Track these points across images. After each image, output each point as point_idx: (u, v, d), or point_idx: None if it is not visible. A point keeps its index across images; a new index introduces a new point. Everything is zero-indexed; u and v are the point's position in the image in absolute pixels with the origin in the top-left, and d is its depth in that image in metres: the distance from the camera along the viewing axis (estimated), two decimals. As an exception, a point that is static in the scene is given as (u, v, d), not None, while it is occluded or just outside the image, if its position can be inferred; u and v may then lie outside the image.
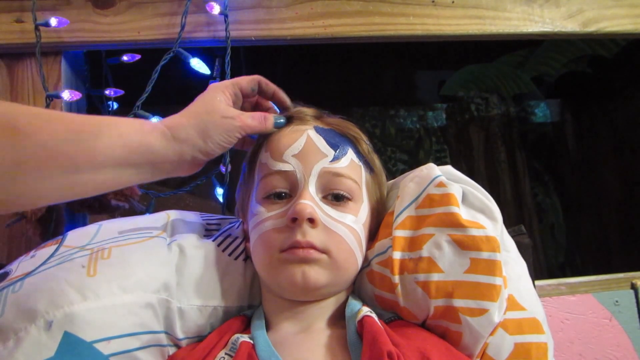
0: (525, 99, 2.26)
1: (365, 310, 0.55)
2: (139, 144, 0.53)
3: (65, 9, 0.93)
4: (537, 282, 0.75)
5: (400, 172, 0.71)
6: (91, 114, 0.62)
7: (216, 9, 0.93)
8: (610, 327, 0.95)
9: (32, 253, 0.64)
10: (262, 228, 0.58)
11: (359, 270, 0.62)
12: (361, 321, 0.53)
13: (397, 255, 0.58)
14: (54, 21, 0.90)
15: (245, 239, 0.65)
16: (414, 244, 0.58)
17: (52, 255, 0.61)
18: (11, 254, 0.86)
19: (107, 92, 0.99)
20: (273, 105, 0.68)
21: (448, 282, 0.56)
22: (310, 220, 0.55)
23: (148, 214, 0.77)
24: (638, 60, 1.85)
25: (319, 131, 0.61)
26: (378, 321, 0.54)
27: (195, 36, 0.95)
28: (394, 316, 0.59)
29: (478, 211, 0.60)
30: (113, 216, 0.85)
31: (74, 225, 0.88)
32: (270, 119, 0.62)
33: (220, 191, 0.95)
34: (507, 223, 0.63)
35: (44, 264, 0.60)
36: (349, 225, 0.58)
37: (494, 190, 2.00)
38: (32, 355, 0.52)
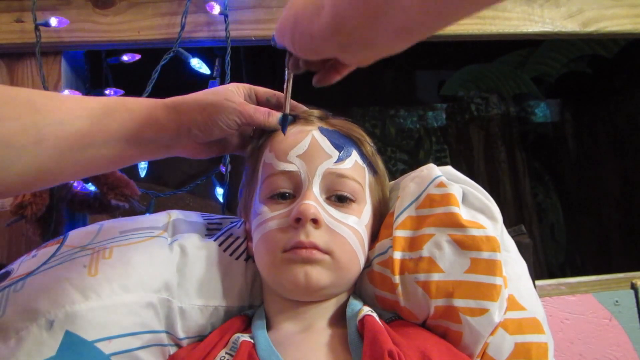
0: (525, 99, 2.25)
1: (366, 310, 0.55)
2: (147, 117, 0.56)
3: (65, 9, 0.93)
4: (537, 282, 0.75)
5: (401, 172, 0.71)
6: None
7: (216, 9, 0.93)
8: (610, 327, 0.95)
9: (34, 253, 0.64)
10: (265, 228, 0.58)
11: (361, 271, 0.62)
12: (362, 320, 0.53)
13: (398, 255, 0.58)
14: (54, 21, 0.90)
15: (246, 239, 0.65)
16: (414, 244, 0.58)
17: (54, 255, 0.61)
18: (11, 254, 0.86)
19: (107, 92, 0.99)
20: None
21: (448, 282, 0.56)
22: (314, 220, 0.55)
23: (149, 214, 0.77)
24: (638, 60, 1.85)
25: (324, 132, 0.61)
26: (379, 320, 0.54)
27: (195, 36, 0.95)
28: (394, 316, 0.59)
29: (478, 211, 0.60)
30: (113, 216, 0.85)
31: (74, 225, 0.88)
32: (275, 115, 0.62)
33: (220, 191, 0.95)
34: (507, 223, 0.63)
35: (45, 263, 0.60)
36: (352, 226, 0.58)
37: (494, 190, 2.00)
38: (34, 354, 0.52)
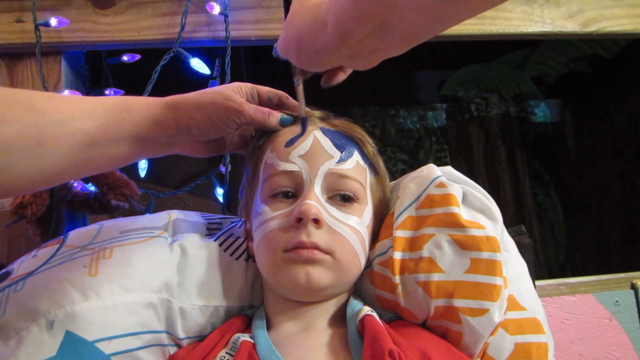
0: (525, 99, 2.25)
1: (367, 310, 0.55)
2: (146, 116, 0.57)
3: (65, 9, 0.93)
4: (537, 282, 0.75)
5: (401, 172, 0.71)
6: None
7: (216, 9, 0.93)
8: (610, 327, 0.95)
9: (34, 253, 0.64)
10: (267, 227, 0.58)
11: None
12: (362, 320, 0.53)
13: (398, 255, 0.58)
14: (54, 21, 0.90)
15: (247, 239, 0.65)
16: (414, 244, 0.58)
17: (54, 255, 0.61)
18: (11, 254, 0.86)
19: (107, 92, 0.99)
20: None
21: (448, 282, 0.56)
22: (315, 220, 0.55)
23: (149, 214, 0.77)
24: (638, 60, 1.85)
25: (326, 132, 0.61)
26: (379, 320, 0.54)
27: (195, 36, 0.95)
28: (394, 316, 0.59)
29: (478, 211, 0.60)
30: (113, 216, 0.85)
31: (73, 225, 0.88)
32: (275, 116, 0.62)
33: (220, 191, 0.95)
34: (507, 223, 0.63)
35: (45, 263, 0.60)
36: (353, 226, 0.58)
37: (494, 190, 2.00)
38: (34, 354, 0.52)
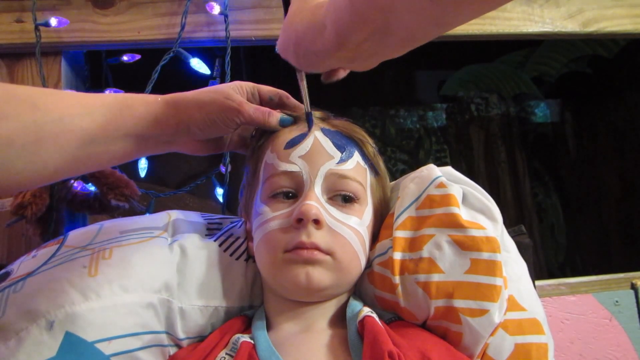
0: (525, 99, 2.25)
1: (366, 311, 0.55)
2: (145, 114, 0.57)
3: (65, 9, 0.93)
4: (537, 282, 0.75)
5: (401, 172, 0.71)
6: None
7: (216, 9, 0.93)
8: (610, 327, 0.95)
9: (34, 253, 0.64)
10: (267, 228, 0.58)
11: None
12: (362, 321, 0.53)
13: (398, 255, 0.58)
14: (54, 21, 0.90)
15: (247, 239, 0.65)
16: (414, 244, 0.58)
17: (54, 256, 0.61)
18: (11, 254, 0.86)
19: (107, 92, 0.99)
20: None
21: (448, 283, 0.56)
22: (316, 221, 0.55)
23: (149, 214, 0.77)
24: (638, 60, 1.85)
25: (326, 133, 0.61)
26: (379, 321, 0.54)
27: (195, 36, 0.95)
28: (394, 317, 0.59)
29: (478, 212, 0.60)
30: (113, 216, 0.85)
31: (73, 225, 0.88)
32: (275, 116, 0.62)
33: (220, 191, 0.95)
34: (507, 223, 0.63)
35: (45, 264, 0.60)
36: (354, 227, 0.58)
37: (494, 191, 2.00)
38: (34, 354, 0.52)
